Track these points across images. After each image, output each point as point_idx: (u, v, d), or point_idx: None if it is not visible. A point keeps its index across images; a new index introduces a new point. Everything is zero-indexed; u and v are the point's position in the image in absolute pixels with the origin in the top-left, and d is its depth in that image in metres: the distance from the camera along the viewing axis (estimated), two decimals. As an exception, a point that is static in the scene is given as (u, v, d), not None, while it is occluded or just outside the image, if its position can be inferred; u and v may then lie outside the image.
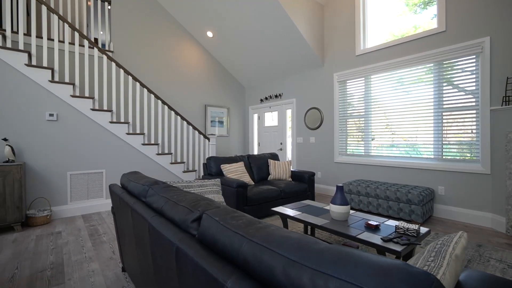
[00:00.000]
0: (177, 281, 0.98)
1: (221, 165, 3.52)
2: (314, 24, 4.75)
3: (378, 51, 4.16)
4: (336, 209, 2.15)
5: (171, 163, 4.36)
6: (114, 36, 4.87)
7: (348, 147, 4.62)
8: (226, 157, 3.83)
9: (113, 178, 3.86)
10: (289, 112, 5.76)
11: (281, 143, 5.85)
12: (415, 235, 1.80)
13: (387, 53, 4.07)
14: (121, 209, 1.74)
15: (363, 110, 4.37)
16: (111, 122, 3.82)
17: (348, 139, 4.61)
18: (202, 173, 4.80)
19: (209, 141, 4.82)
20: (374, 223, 2.02)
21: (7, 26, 3.23)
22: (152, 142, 4.28)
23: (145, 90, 4.14)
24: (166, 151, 4.40)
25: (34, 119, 3.30)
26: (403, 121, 3.89)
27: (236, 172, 3.51)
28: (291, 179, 3.99)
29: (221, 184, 3.19)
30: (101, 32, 5.18)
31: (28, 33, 3.76)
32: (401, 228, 1.87)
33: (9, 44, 3.23)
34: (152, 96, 4.22)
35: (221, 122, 6.38)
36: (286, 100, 5.71)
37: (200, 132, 4.73)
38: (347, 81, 4.61)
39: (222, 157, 3.76)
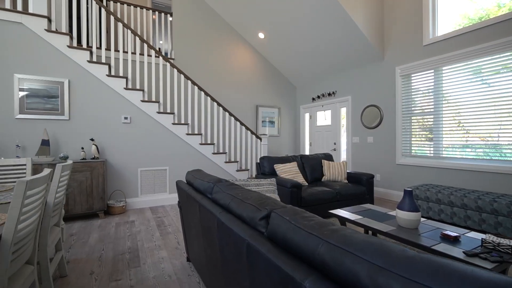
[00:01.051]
0: (247, 274, 1.01)
1: (274, 165, 3.53)
2: (373, 15, 4.43)
3: (451, 39, 3.66)
4: (405, 216, 1.96)
5: (226, 162, 4.55)
6: (175, 45, 5.32)
7: (412, 148, 4.17)
8: (279, 157, 3.83)
9: (175, 174, 4.21)
10: (343, 111, 5.49)
11: (334, 143, 5.61)
12: (510, 251, 1.52)
13: (462, 40, 3.55)
14: (188, 204, 1.88)
15: (432, 106, 3.90)
16: (173, 124, 4.17)
17: (412, 139, 4.17)
18: (254, 173, 4.90)
19: (261, 141, 4.89)
20: (453, 233, 1.78)
21: (93, 43, 3.79)
22: (209, 142, 4.53)
23: (202, 93, 4.41)
24: (221, 151, 4.61)
25: (113, 122, 3.81)
26: (480, 117, 3.35)
27: (290, 172, 3.48)
28: (346, 181, 3.79)
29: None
30: (161, 42, 5.71)
31: (108, 48, 4.37)
32: (489, 242, 1.60)
33: (94, 59, 3.79)
34: (209, 98, 4.47)
35: (272, 122, 6.43)
36: (340, 98, 5.46)
37: (252, 132, 4.84)
38: (412, 75, 4.17)
39: (275, 157, 3.78)
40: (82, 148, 3.54)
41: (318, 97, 5.99)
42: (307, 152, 6.50)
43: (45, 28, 3.45)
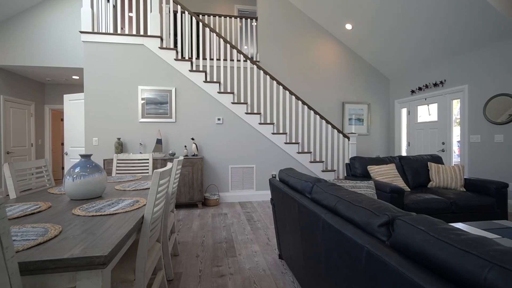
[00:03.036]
0: (366, 285, 0.90)
1: (368, 166, 3.20)
2: (503, -21, 3.47)
3: None
4: None
5: (311, 162, 4.43)
6: (260, 48, 5.53)
7: None
8: (372, 157, 3.45)
9: (262, 172, 4.36)
10: (455, 103, 4.53)
11: (442, 143, 4.70)
12: None
13: None
14: (283, 202, 1.88)
15: None
16: (259, 123, 4.33)
17: None
18: (342, 174, 4.59)
19: (349, 140, 4.55)
20: None
21: (192, 55, 4.31)
22: (293, 141, 4.51)
23: (287, 92, 4.42)
24: (306, 150, 4.52)
25: (208, 123, 4.24)
26: None
27: (387, 175, 3.09)
28: (464, 189, 3.09)
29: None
30: (245, 47, 6.02)
31: (204, 57, 4.90)
32: None
33: (194, 68, 4.31)
34: (293, 97, 4.44)
35: (360, 120, 5.90)
36: (451, 88, 4.52)
37: (339, 131, 4.55)
38: None
39: (367, 157, 3.43)
40: (185, 146, 4.08)
41: (420, 88, 5.13)
42: (403, 153, 5.68)
43: (159, 46, 4.12)
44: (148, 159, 2.86)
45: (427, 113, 5.08)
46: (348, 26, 5.28)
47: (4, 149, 4.96)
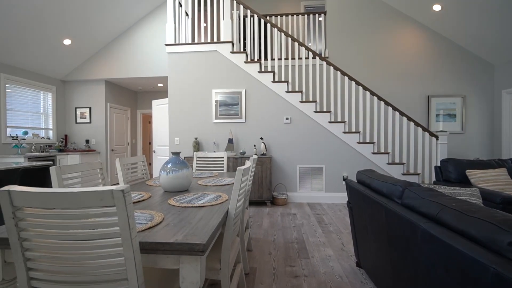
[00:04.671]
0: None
1: (467, 171, 2.69)
2: None
3: None
4: None
5: (388, 164, 4.00)
6: (329, 43, 5.28)
7: None
8: (471, 160, 2.89)
9: (332, 173, 4.15)
10: None
11: None
12: None
13: None
14: (363, 206, 1.73)
15: None
16: (329, 122, 4.14)
17: None
18: (429, 178, 3.99)
19: (437, 139, 3.92)
20: None
21: (261, 56, 4.42)
22: (367, 140, 4.15)
23: (360, 88, 4.09)
24: (382, 150, 4.10)
25: (276, 122, 4.27)
26: None
27: (495, 181, 2.53)
28: None
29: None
30: (309, 44, 5.82)
31: (272, 58, 4.97)
32: None
33: (262, 69, 4.41)
34: (368, 93, 4.09)
35: (451, 116, 5.03)
36: None
37: (424, 129, 3.97)
38: None
39: (465, 160, 2.88)
40: (254, 145, 4.21)
41: (539, 74, 4.06)
42: (513, 156, 4.59)
43: (230, 50, 4.37)
44: (223, 157, 3.06)
45: (553, 104, 3.97)
46: (436, 7, 4.56)
47: (110, 147, 6.07)
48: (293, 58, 4.80)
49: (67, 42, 4.96)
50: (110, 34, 5.41)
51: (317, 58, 4.23)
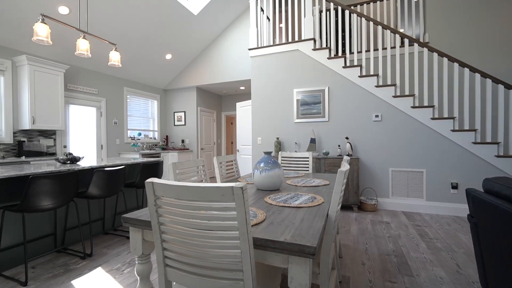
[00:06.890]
0: None
1: None
2: None
3: None
4: None
5: (521, 170, 3.11)
6: (429, 26, 4.51)
7: None
8: None
9: (435, 179, 3.52)
10: None
11: None
12: None
13: None
14: (500, 223, 1.37)
15: None
16: (432, 119, 3.52)
17: None
18: None
19: None
20: None
21: (345, 50, 4.12)
22: (488, 140, 3.34)
23: (477, 75, 3.32)
24: (511, 153, 3.22)
25: (364, 121, 3.91)
26: None
27: None
28: None
29: None
30: (401, 30, 5.06)
31: (358, 51, 4.58)
32: None
33: (348, 64, 4.11)
34: (488, 80, 3.28)
35: None
36: None
37: None
38: None
39: None
40: (339, 145, 3.97)
41: None
42: None
43: (312, 48, 4.24)
44: (308, 158, 2.99)
45: None
46: None
47: (200, 146, 6.82)
48: (384, 49, 4.31)
49: (168, 56, 5.83)
50: (201, 46, 6.08)
51: (415, 44, 3.65)
